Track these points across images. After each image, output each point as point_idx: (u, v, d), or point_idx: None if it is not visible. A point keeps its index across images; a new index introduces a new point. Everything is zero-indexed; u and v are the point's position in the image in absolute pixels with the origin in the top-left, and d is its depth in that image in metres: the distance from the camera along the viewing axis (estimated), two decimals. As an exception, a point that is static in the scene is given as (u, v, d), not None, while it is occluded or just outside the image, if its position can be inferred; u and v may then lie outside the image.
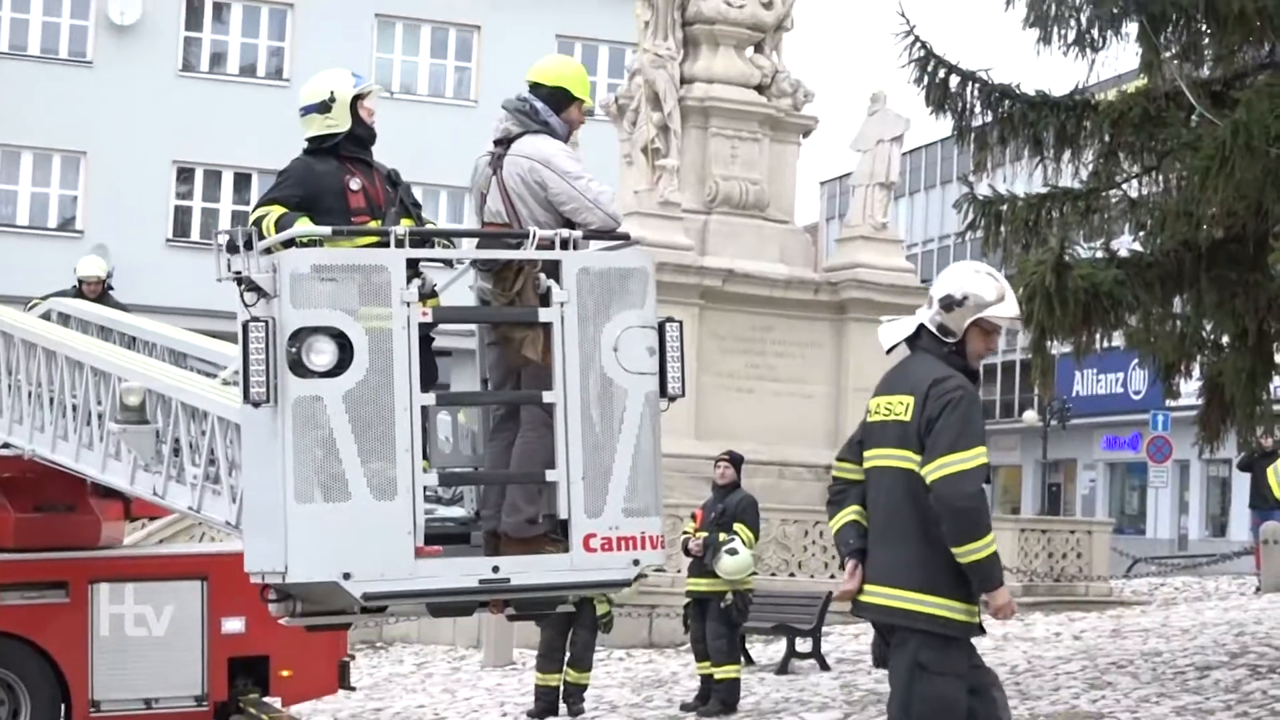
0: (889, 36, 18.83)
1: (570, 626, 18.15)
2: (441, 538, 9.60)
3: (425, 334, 9.41)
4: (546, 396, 9.38)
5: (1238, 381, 17.81)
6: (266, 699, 15.35)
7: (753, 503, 18.42)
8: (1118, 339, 19.12)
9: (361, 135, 10.64)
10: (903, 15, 18.45)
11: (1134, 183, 18.74)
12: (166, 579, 15.39)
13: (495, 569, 9.35)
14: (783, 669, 20.98)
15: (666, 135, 29.92)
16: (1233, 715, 14.81)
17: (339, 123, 10.55)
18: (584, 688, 18.45)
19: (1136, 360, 20.04)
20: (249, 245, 9.35)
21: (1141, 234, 18.89)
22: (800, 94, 32.71)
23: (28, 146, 45.11)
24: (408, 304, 9.03)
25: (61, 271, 19.48)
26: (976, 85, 18.53)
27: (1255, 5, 17.75)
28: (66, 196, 45.68)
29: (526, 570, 9.44)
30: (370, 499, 8.88)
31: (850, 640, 23.26)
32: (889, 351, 8.58)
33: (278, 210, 10.04)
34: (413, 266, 9.25)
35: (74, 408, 12.65)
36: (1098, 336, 18.54)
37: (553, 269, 9.40)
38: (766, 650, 21.59)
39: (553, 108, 10.10)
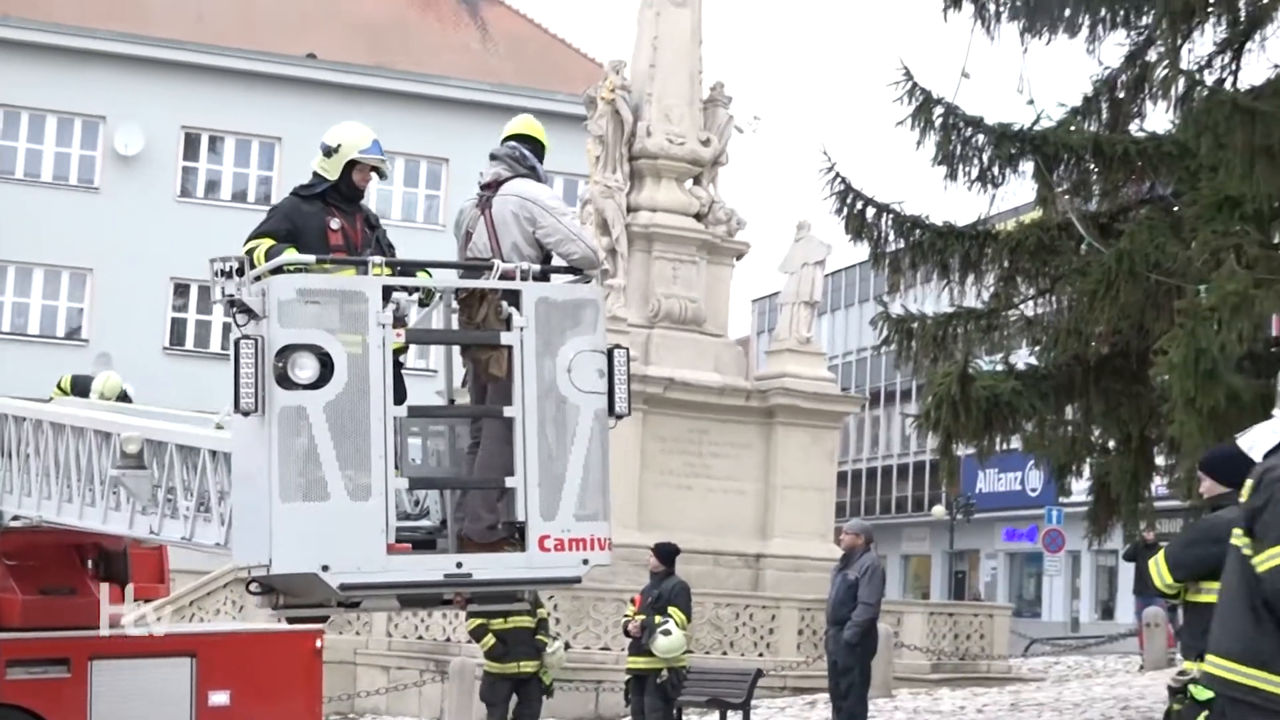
0: (814, 172, 18.99)
1: (522, 704, 18.20)
2: (411, 544, 9.63)
3: (396, 356, 9.48)
4: (506, 411, 9.50)
5: (1123, 481, 17.92)
6: (249, 767, 15.22)
7: (685, 588, 18.38)
8: (1016, 442, 19.22)
9: (345, 191, 10.70)
10: (825, 154, 18.64)
11: (1030, 304, 18.89)
12: (159, 656, 15.26)
13: (459, 565, 9.44)
14: (716, 738, 20.93)
15: (614, 258, 29.97)
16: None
17: (331, 172, 10.64)
18: None
19: (1033, 461, 20.12)
20: (241, 272, 9.45)
21: (1037, 349, 19.02)
22: (734, 222, 32.88)
23: (39, 264, 45.07)
24: (383, 325, 9.14)
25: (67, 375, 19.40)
26: (890, 216, 18.69)
27: (1136, 148, 18.01)
28: (74, 309, 45.59)
29: (487, 566, 9.56)
30: (347, 500, 8.97)
31: (777, 713, 23.19)
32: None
33: (267, 242, 10.07)
34: (387, 294, 9.36)
35: (78, 471, 12.55)
36: (998, 440, 18.67)
37: (514, 298, 9.51)
38: (701, 722, 21.51)
39: (535, 156, 10.41)
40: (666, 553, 18.44)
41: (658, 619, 17.67)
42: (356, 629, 28.22)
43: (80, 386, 17.82)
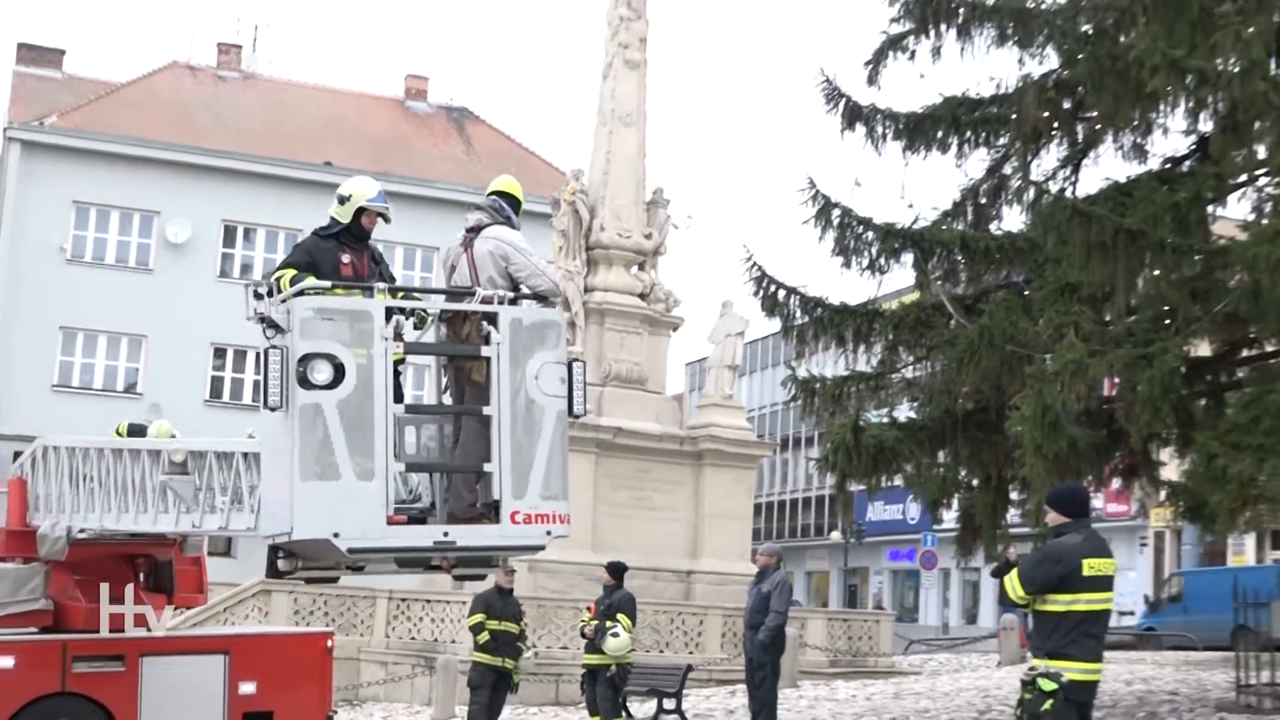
0: (736, 260, 19.07)
1: (494, 693, 18.14)
2: (406, 518, 9.76)
3: (396, 365, 9.59)
4: (485, 410, 9.65)
5: (984, 512, 17.96)
6: (271, 744, 15.10)
7: (631, 598, 18.34)
8: (898, 480, 19.23)
9: (355, 233, 10.77)
10: (745, 247, 18.71)
11: (910, 368, 18.94)
12: (198, 653, 15.16)
13: (445, 534, 9.65)
14: (654, 721, 20.86)
15: (573, 329, 29.97)
16: (981, 758, 14.82)
17: (343, 217, 10.74)
18: None
19: (912, 496, 20.13)
20: (270, 294, 9.73)
21: (915, 405, 19.08)
22: (670, 300, 32.97)
23: (103, 330, 44.87)
24: (385, 339, 9.33)
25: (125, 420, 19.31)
26: (797, 297, 18.73)
27: (995, 243, 18.15)
28: (131, 368, 45.31)
29: (468, 536, 9.70)
30: (355, 480, 9.10)
31: (703, 700, 23.10)
32: None
33: (291, 272, 10.09)
34: (389, 314, 9.47)
35: (134, 487, 12.67)
36: (883, 479, 18.68)
37: (492, 319, 9.69)
38: (641, 708, 21.31)
39: (511, 209, 10.58)
40: (616, 569, 18.42)
41: (608, 624, 17.62)
42: (360, 631, 28.07)
43: (135, 432, 17.68)
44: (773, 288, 18.72)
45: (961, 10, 17.54)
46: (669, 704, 21.04)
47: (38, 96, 47.09)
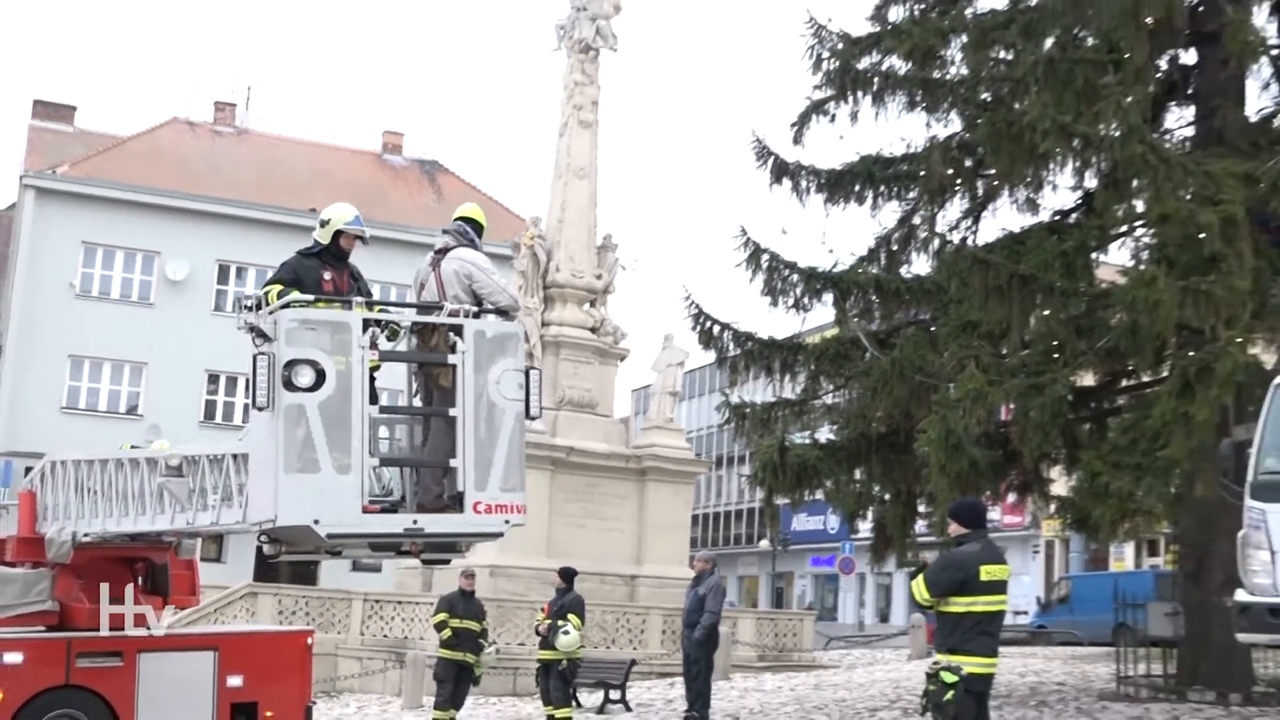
0: (677, 298, 19.14)
1: (457, 686, 18.02)
2: (379, 508, 9.75)
3: (371, 371, 9.60)
4: (451, 411, 9.65)
5: (895, 523, 18.01)
6: (256, 731, 14.98)
7: (580, 600, 18.27)
8: (819, 495, 19.23)
9: (334, 252, 10.77)
10: (685, 287, 18.86)
11: (830, 396, 19.00)
12: (190, 650, 15.03)
13: (415, 521, 9.67)
14: (600, 710, 20.73)
15: (531, 359, 29.97)
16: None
17: (324, 239, 10.75)
18: None
19: (832, 508, 20.18)
20: (259, 307, 9.65)
21: (834, 428, 19.10)
22: (618, 334, 32.99)
23: (108, 358, 44.46)
24: (362, 347, 9.35)
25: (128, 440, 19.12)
26: (730, 332, 18.80)
27: (905, 285, 18.25)
28: (133, 392, 44.87)
29: (435, 523, 9.72)
30: (334, 472, 9.11)
31: (645, 691, 23.03)
32: None
33: (278, 287, 10.07)
34: (366, 325, 9.51)
35: (133, 493, 12.50)
36: (806, 493, 18.68)
37: (458, 330, 9.73)
38: (590, 698, 21.26)
39: (475, 233, 10.66)
40: (567, 574, 18.33)
41: (560, 623, 17.54)
42: (338, 629, 27.81)
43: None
44: (709, 323, 18.79)
45: (876, 79, 17.69)
46: (615, 694, 21.06)
47: (51, 148, 46.82)
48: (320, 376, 9.18)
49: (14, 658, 13.79)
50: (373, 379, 9.63)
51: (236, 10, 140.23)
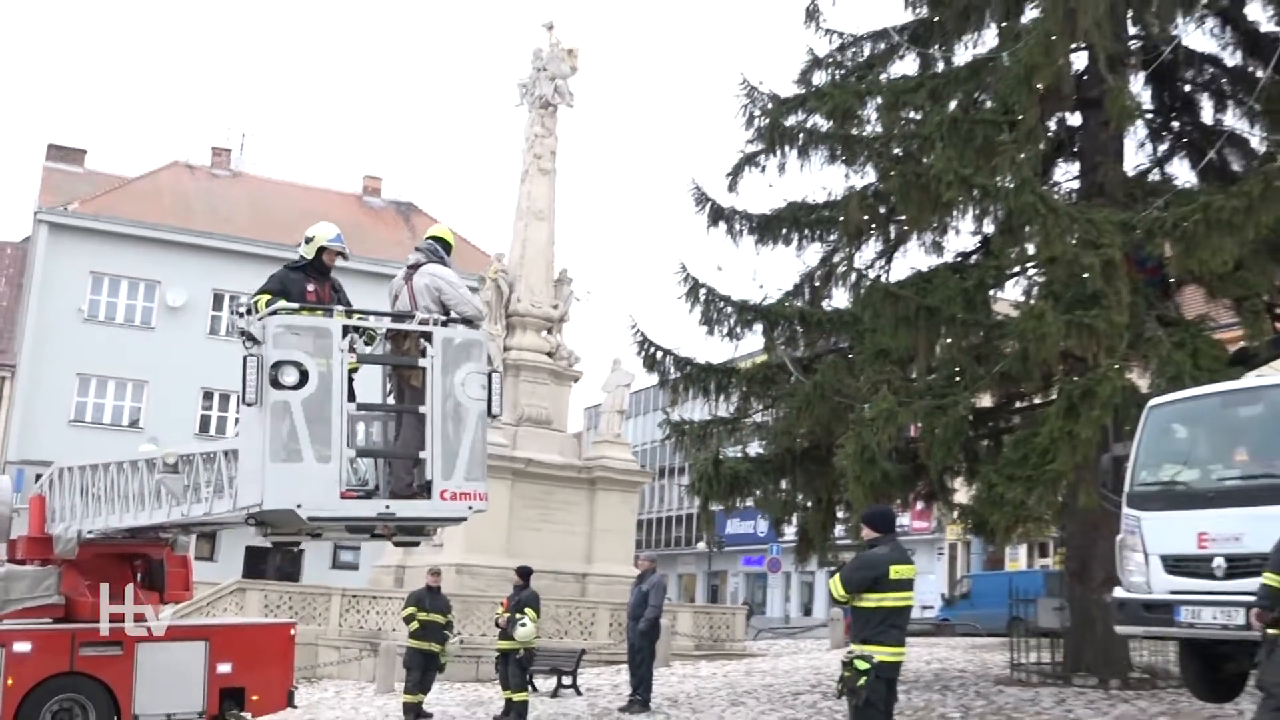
0: (625, 327, 19.10)
1: (424, 672, 17.92)
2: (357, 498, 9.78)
3: (350, 372, 9.59)
4: (421, 409, 9.71)
5: (816, 528, 18.03)
6: (243, 714, 14.82)
7: (536, 595, 18.16)
8: (750, 502, 19.25)
9: (317, 267, 10.74)
10: (631, 317, 18.92)
11: (759, 414, 19.02)
12: (184, 640, 14.87)
13: (387, 506, 9.70)
14: (554, 695, 20.61)
15: (492, 365, 29.91)
16: (816, 718, 14.83)
17: (307, 254, 10.78)
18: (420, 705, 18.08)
19: (760, 514, 20.19)
20: (250, 313, 9.66)
21: (763, 443, 19.13)
22: (572, 358, 32.96)
23: (113, 376, 43.96)
24: (342, 351, 9.41)
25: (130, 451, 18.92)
26: (671, 357, 18.79)
27: (826, 317, 18.33)
28: (135, 407, 44.31)
29: (406, 508, 9.78)
30: (315, 462, 9.13)
31: (594, 677, 22.95)
32: None
33: (267, 296, 10.07)
34: (345, 331, 9.57)
35: (135, 493, 12.54)
36: (738, 501, 18.70)
37: (428, 337, 9.83)
38: (544, 683, 21.16)
39: (444, 251, 10.78)
40: (524, 572, 18.26)
41: (518, 616, 17.45)
42: (318, 622, 27.57)
43: None
44: (652, 350, 18.80)
45: (801, 135, 17.79)
46: (566, 680, 20.97)
47: (63, 187, 46.34)
48: (304, 376, 9.20)
49: (23, 647, 13.72)
50: (351, 379, 9.61)
51: (234, 64, 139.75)
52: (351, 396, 9.58)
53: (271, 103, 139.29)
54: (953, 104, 16.45)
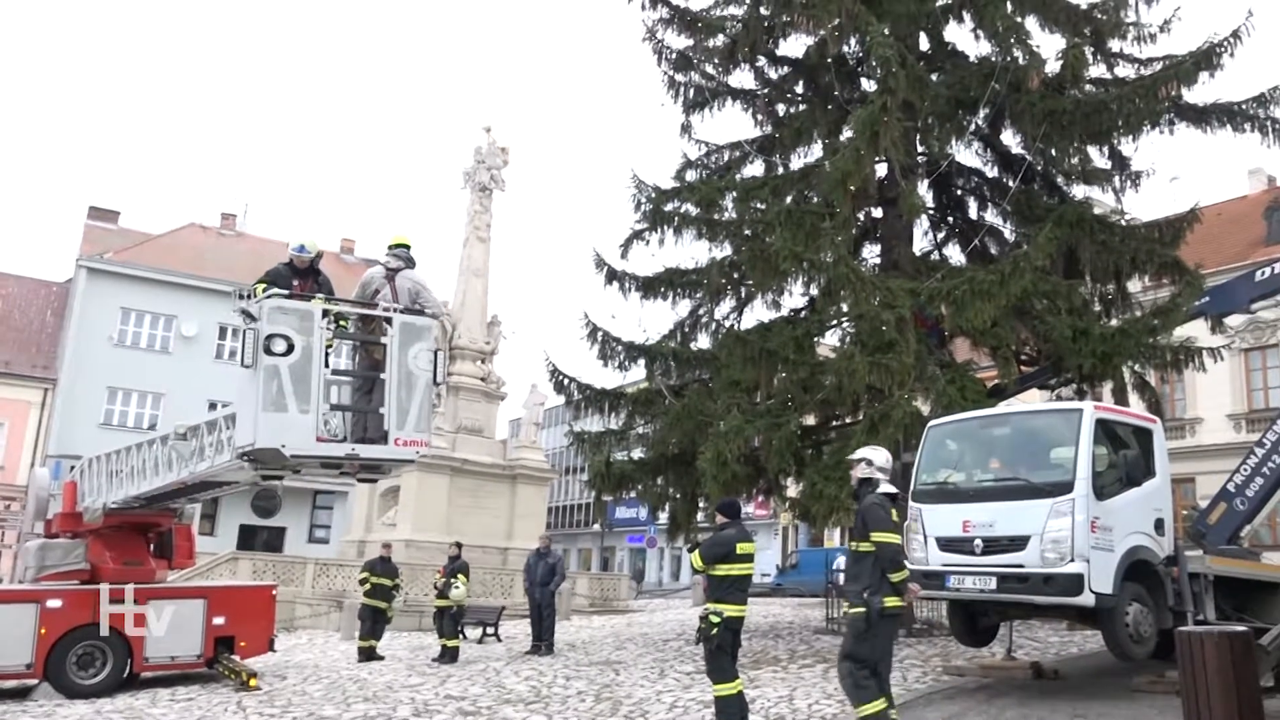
0: (541, 359, 18.94)
1: (374, 624, 17.51)
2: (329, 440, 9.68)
3: (327, 346, 9.48)
4: (381, 375, 9.69)
5: (683, 514, 17.99)
6: (233, 656, 14.34)
7: (466, 564, 17.92)
8: (634, 494, 19.21)
9: (295, 268, 10.66)
10: (545, 353, 18.74)
11: (641, 428, 18.99)
12: (186, 599, 14.41)
13: (353, 449, 9.60)
14: (480, 641, 20.26)
15: (440, 399, 29.50)
16: (679, 660, 14.80)
17: (286, 260, 10.80)
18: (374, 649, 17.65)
19: (642, 504, 20.14)
20: (250, 296, 9.58)
21: (644, 450, 19.12)
22: (499, 383, 32.66)
23: (136, 390, 42.27)
24: (321, 328, 9.34)
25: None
26: (575, 383, 18.70)
27: (694, 355, 18.38)
28: (154, 414, 42.60)
29: (368, 451, 9.67)
30: (297, 413, 9.06)
31: (511, 628, 22.64)
32: None
33: (263, 285, 9.96)
34: (325, 314, 9.52)
35: (152, 464, 12.43)
36: (624, 493, 18.65)
37: (389, 321, 9.81)
38: (473, 633, 20.83)
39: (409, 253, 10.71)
40: (457, 545, 18.04)
41: (453, 580, 17.23)
42: (296, 584, 26.78)
43: None
44: (561, 377, 18.69)
45: (676, 218, 17.84)
46: (490, 630, 20.65)
47: (101, 240, 44.76)
48: (290, 347, 9.13)
49: (55, 603, 13.30)
50: (327, 351, 9.53)
51: (241, 149, 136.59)
52: (327, 364, 9.52)
53: (270, 179, 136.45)
54: (789, 198, 16.63)
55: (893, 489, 8.33)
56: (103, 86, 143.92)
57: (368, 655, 17.33)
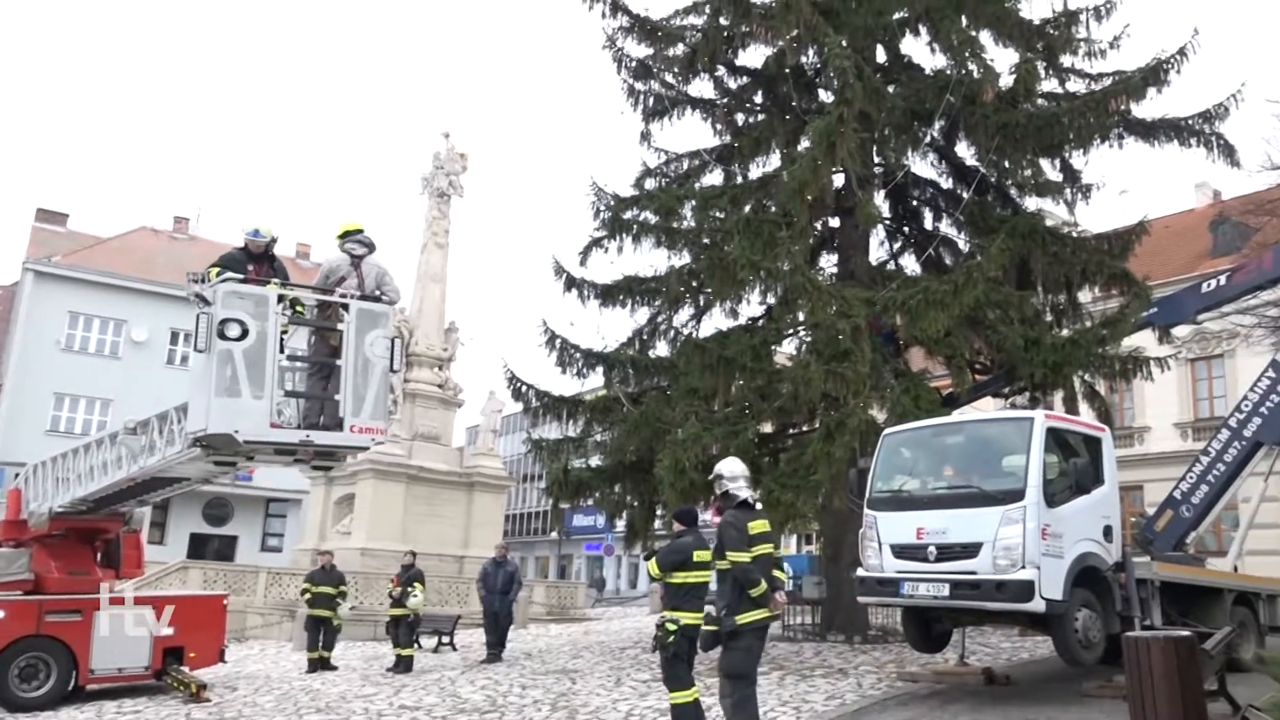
0: (499, 366, 18.82)
1: (322, 634, 17.28)
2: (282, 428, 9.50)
3: (282, 331, 9.30)
4: (337, 362, 9.52)
5: (641, 522, 17.90)
6: (182, 667, 14.09)
7: (421, 573, 17.78)
8: (591, 502, 19.14)
9: (249, 252, 10.43)
10: (504, 360, 18.66)
11: (599, 435, 18.93)
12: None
13: (308, 435, 9.42)
14: (435, 650, 20.09)
15: (397, 406, 29.27)
16: (636, 668, 14.78)
17: (241, 244, 10.54)
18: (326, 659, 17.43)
19: (599, 511, 20.09)
20: (204, 280, 9.36)
21: (602, 457, 19.07)
22: (457, 389, 32.50)
23: (84, 396, 41.54)
24: (276, 314, 9.15)
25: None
26: (533, 390, 18.62)
27: (652, 362, 18.39)
28: (102, 420, 41.68)
29: (322, 438, 9.51)
30: (251, 399, 8.86)
31: (467, 637, 22.48)
32: None
33: (217, 269, 9.74)
34: (280, 299, 9.33)
35: (100, 465, 12.16)
36: (582, 500, 18.58)
37: (346, 307, 9.69)
38: (428, 642, 20.64)
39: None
40: (412, 555, 17.89)
41: (409, 589, 17.09)
42: (248, 594, 26.42)
43: None
44: (519, 384, 18.61)
45: (635, 226, 17.86)
46: (445, 639, 20.49)
47: (48, 243, 43.94)
48: (244, 331, 8.94)
49: (-3, 614, 12.92)
50: (283, 337, 9.36)
51: (195, 150, 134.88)
52: (282, 349, 9.35)
53: (225, 182, 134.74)
54: (747, 208, 16.69)
55: (747, 495, 8.74)
56: (53, 86, 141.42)
57: (316, 665, 17.10)
